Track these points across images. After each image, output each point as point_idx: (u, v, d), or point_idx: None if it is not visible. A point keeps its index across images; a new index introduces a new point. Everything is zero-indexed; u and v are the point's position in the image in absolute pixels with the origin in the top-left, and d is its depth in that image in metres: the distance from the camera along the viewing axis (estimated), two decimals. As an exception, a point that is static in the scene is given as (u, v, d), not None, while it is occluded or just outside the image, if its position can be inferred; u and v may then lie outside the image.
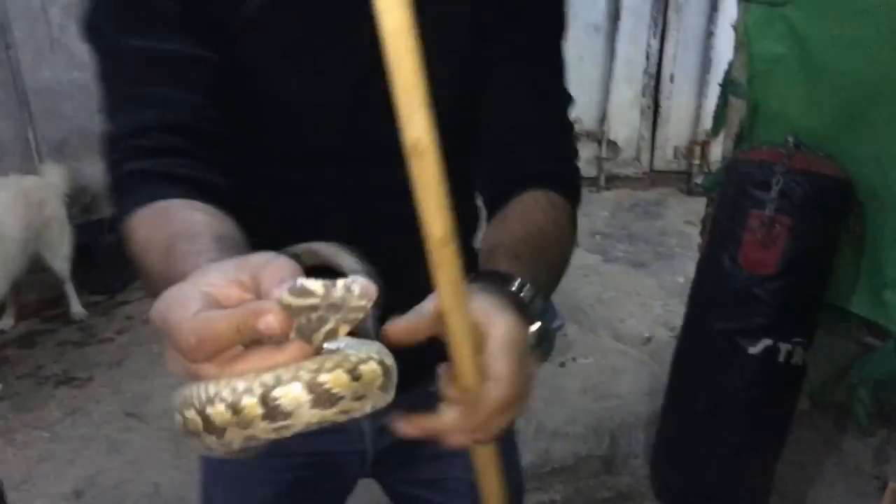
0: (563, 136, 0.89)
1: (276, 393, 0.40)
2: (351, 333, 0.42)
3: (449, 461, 0.94)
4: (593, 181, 4.43)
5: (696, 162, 4.33)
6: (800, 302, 1.90)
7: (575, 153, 0.90)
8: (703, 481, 2.06)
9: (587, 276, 3.49)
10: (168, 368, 0.43)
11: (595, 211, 4.22)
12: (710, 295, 2.03)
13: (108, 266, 3.70)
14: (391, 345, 0.50)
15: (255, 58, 0.74)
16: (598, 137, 4.33)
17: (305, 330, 0.39)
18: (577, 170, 0.90)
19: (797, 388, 2.00)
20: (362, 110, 0.78)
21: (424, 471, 0.92)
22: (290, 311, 0.38)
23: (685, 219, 4.13)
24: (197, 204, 0.64)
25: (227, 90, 0.73)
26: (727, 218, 1.97)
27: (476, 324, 0.53)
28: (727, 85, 2.21)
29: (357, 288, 0.38)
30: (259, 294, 0.42)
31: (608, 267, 3.60)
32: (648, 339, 2.98)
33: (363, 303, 0.39)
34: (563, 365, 2.83)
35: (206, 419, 0.40)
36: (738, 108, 2.16)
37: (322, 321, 0.39)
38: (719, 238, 2.00)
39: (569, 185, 0.86)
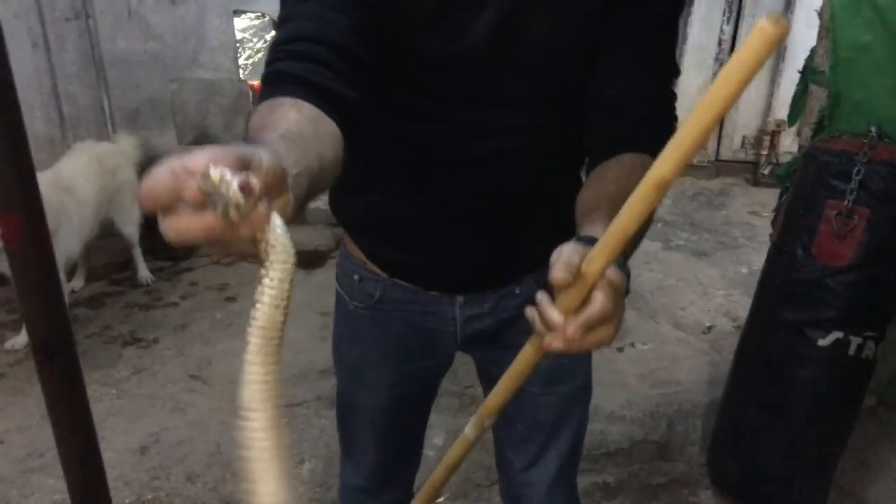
0: (666, 105, 0.98)
1: None
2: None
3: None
4: (656, 168, 4.36)
5: (764, 153, 4.22)
6: (874, 295, 1.85)
7: (674, 121, 1.00)
8: (762, 472, 2.03)
9: (648, 263, 3.45)
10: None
11: (657, 199, 4.16)
12: (779, 285, 1.99)
13: (175, 234, 3.80)
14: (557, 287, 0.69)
15: (407, 13, 0.88)
16: (663, 124, 4.26)
17: (212, 204, 0.48)
18: (672, 133, 0.95)
19: (865, 383, 1.95)
20: (490, 63, 0.92)
21: (505, 354, 1.00)
22: (205, 192, 0.47)
23: (750, 209, 4.04)
24: (304, 105, 0.73)
25: (379, 35, 0.86)
26: (802, 207, 1.92)
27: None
28: (808, 72, 2.15)
29: (234, 182, 0.47)
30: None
31: (669, 255, 3.55)
32: (709, 329, 2.94)
33: (238, 199, 0.47)
34: (621, 350, 2.81)
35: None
36: (818, 96, 2.10)
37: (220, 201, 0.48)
38: (793, 227, 1.96)
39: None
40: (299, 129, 0.69)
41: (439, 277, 1.12)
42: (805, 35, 3.87)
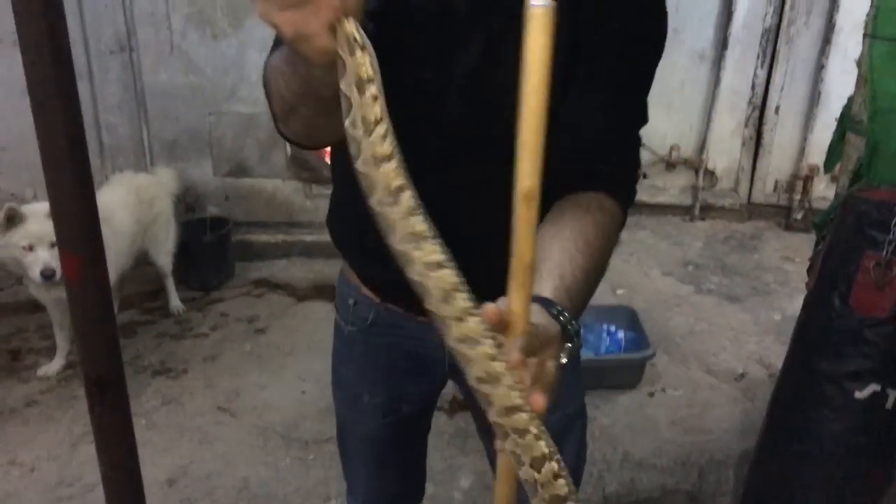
0: (628, 148, 1.05)
1: None
2: None
3: None
4: (687, 210, 4.34)
5: (797, 197, 4.19)
6: (914, 349, 1.82)
7: (637, 164, 1.08)
8: (797, 527, 1.98)
9: (679, 307, 3.42)
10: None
11: (688, 241, 4.14)
12: (816, 335, 1.97)
13: (207, 264, 3.85)
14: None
15: (403, 38, 0.95)
16: (695, 166, 4.25)
17: None
18: (634, 177, 1.06)
19: (904, 438, 1.91)
20: (475, 91, 0.99)
21: None
22: None
23: (783, 254, 4.00)
24: None
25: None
26: (840, 256, 1.91)
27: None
28: (845, 120, 2.14)
29: None
30: None
31: (701, 298, 3.52)
32: (742, 376, 2.90)
33: None
34: (651, 395, 2.78)
35: None
36: (856, 144, 2.09)
37: None
38: (830, 277, 1.94)
39: (623, 190, 1.01)
40: None
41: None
42: (839, 80, 3.88)
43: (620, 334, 2.89)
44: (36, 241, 2.61)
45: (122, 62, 3.83)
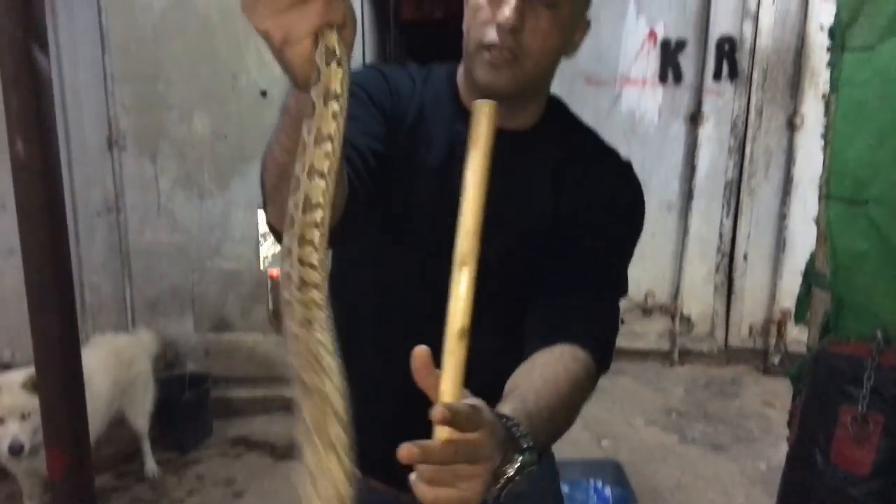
0: (605, 313, 1.09)
1: None
2: None
3: None
4: (666, 355, 4.38)
5: (773, 341, 4.26)
6: (899, 506, 1.81)
7: (613, 331, 1.10)
8: None
9: (665, 459, 3.38)
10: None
11: (669, 387, 4.15)
12: (802, 492, 1.95)
13: (184, 423, 3.77)
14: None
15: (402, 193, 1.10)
16: (671, 312, 4.34)
17: None
18: (609, 342, 1.08)
19: None
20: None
21: None
22: None
23: (763, 399, 4.01)
24: None
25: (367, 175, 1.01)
26: (817, 411, 1.93)
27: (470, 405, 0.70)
28: (810, 276, 2.23)
29: None
30: None
31: (686, 449, 3.48)
32: (733, 532, 2.83)
33: None
34: (643, 555, 2.70)
35: None
36: (822, 298, 2.16)
37: None
38: (809, 432, 1.95)
39: (597, 346, 1.03)
40: None
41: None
42: (801, 229, 4.06)
43: (607, 491, 2.84)
44: (7, 413, 2.55)
45: (109, 223, 3.92)
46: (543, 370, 0.94)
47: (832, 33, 2.00)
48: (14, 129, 0.78)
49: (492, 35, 1.03)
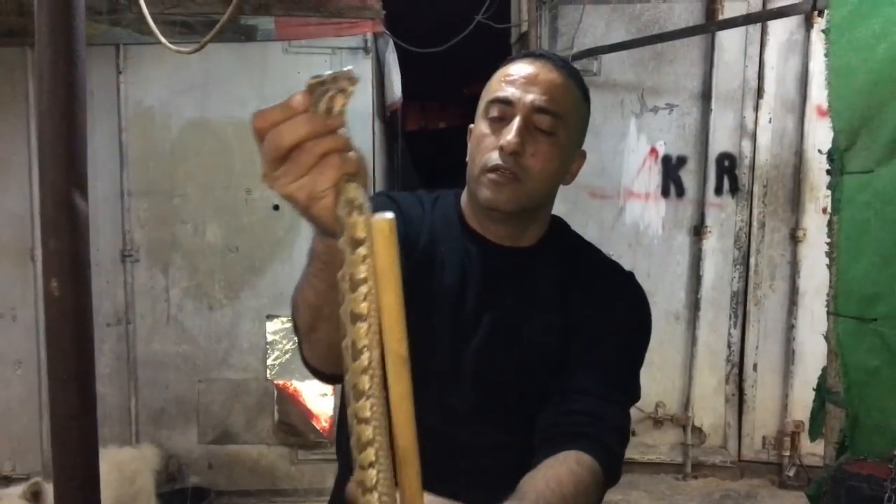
0: (615, 419, 1.09)
1: None
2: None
3: None
4: (679, 468, 4.28)
5: (787, 454, 4.17)
6: None
7: (622, 438, 1.11)
8: None
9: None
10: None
11: (684, 501, 4.03)
12: None
13: (185, 540, 3.67)
14: None
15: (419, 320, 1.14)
16: (682, 423, 4.27)
17: (316, 100, 0.61)
18: (618, 443, 1.09)
19: None
20: (449, 377, 1.15)
21: None
22: (309, 89, 0.61)
23: (782, 515, 3.89)
24: None
25: None
26: (839, 533, 1.88)
27: None
28: (823, 392, 2.22)
29: (343, 72, 0.61)
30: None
31: (704, 570, 3.36)
32: None
33: (347, 78, 0.61)
34: None
35: None
36: (836, 415, 2.15)
37: (324, 92, 0.60)
38: (833, 554, 1.90)
39: (603, 452, 1.03)
40: None
41: None
42: (810, 339, 4.05)
43: None
44: None
45: (118, 334, 3.94)
46: (546, 473, 0.96)
47: (831, 157, 2.08)
48: (49, 269, 0.81)
49: (495, 158, 1.14)
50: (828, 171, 2.13)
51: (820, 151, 2.77)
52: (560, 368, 1.14)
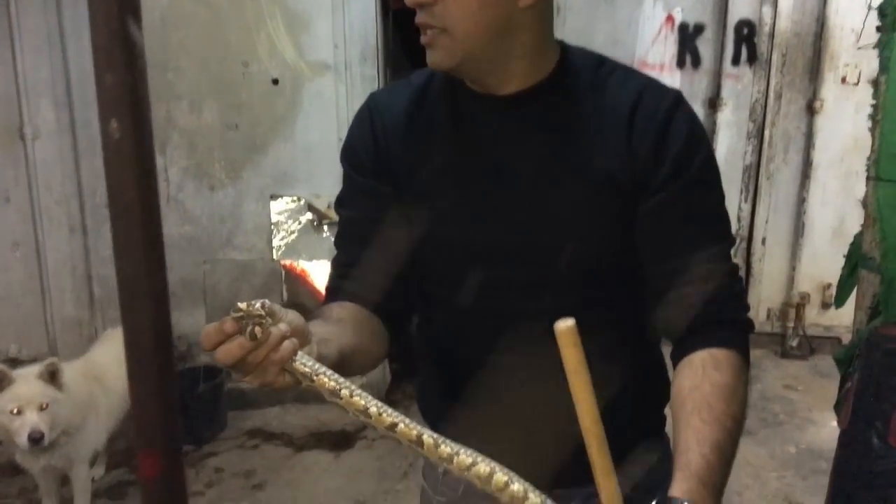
0: (722, 280, 0.99)
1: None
2: None
3: None
4: (683, 341, 4.36)
5: (791, 325, 4.23)
6: (962, 488, 1.77)
7: (738, 293, 1.03)
8: None
9: (692, 445, 3.35)
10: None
11: (688, 373, 4.12)
12: (856, 476, 1.91)
13: (199, 416, 3.71)
14: None
15: (423, 218, 1.06)
16: (688, 298, 4.31)
17: (244, 327, 0.73)
18: (740, 308, 1.01)
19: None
20: (491, 256, 1.05)
21: None
22: (237, 319, 0.73)
23: (784, 383, 3.99)
24: (348, 304, 1.04)
25: (409, 239, 1.07)
26: (873, 395, 1.89)
27: None
28: (856, 258, 2.19)
29: (255, 309, 0.73)
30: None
31: (712, 434, 3.45)
32: (770, 517, 2.80)
33: (260, 315, 0.73)
34: (679, 542, 2.65)
35: None
36: (870, 281, 2.12)
37: (247, 324, 0.73)
38: (864, 415, 1.91)
39: (735, 334, 0.97)
40: (338, 315, 0.99)
41: (517, 469, 1.07)
42: (819, 213, 4.03)
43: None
44: (24, 403, 2.48)
45: (119, 215, 3.83)
46: (694, 401, 0.90)
47: (882, 12, 1.95)
48: (106, 108, 0.71)
49: (418, 18, 0.99)
50: (878, 28, 2.01)
51: (870, 7, 2.62)
52: (633, 226, 1.01)
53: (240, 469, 3.41)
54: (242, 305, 0.73)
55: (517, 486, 0.70)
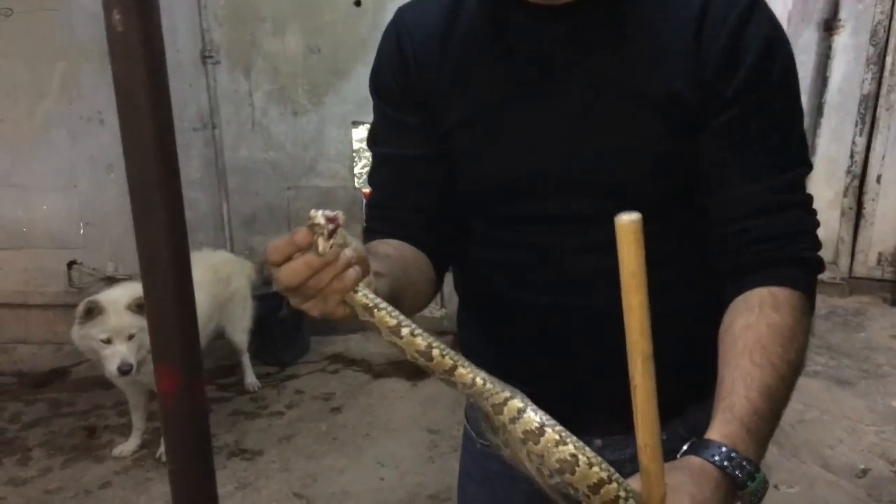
0: (792, 211, 0.88)
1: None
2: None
3: None
4: (781, 284, 4.11)
5: (903, 270, 3.92)
6: None
7: (808, 225, 0.89)
8: None
9: (784, 391, 3.17)
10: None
11: (785, 317, 3.89)
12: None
13: (282, 339, 3.79)
14: None
15: (464, 148, 0.96)
16: (789, 238, 4.04)
17: (316, 236, 0.65)
18: (809, 246, 0.88)
19: None
20: (541, 186, 0.93)
21: None
22: (309, 228, 0.65)
23: (891, 332, 3.71)
24: (393, 240, 0.95)
25: (449, 173, 0.98)
26: None
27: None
28: None
29: (332, 215, 0.65)
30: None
31: (808, 382, 3.25)
32: (864, 472, 2.62)
33: (335, 221, 0.65)
34: (762, 492, 2.53)
35: None
36: None
37: (320, 232, 0.65)
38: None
39: (800, 274, 0.86)
40: (385, 251, 0.89)
41: (568, 414, 0.97)
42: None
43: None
44: (114, 334, 2.58)
45: (205, 139, 3.88)
46: (745, 340, 0.80)
47: None
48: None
49: None
50: None
51: None
52: (704, 151, 0.88)
53: (319, 392, 3.48)
54: (318, 214, 0.65)
55: (592, 461, 0.65)
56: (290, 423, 3.19)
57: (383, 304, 0.69)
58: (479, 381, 0.68)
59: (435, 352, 0.68)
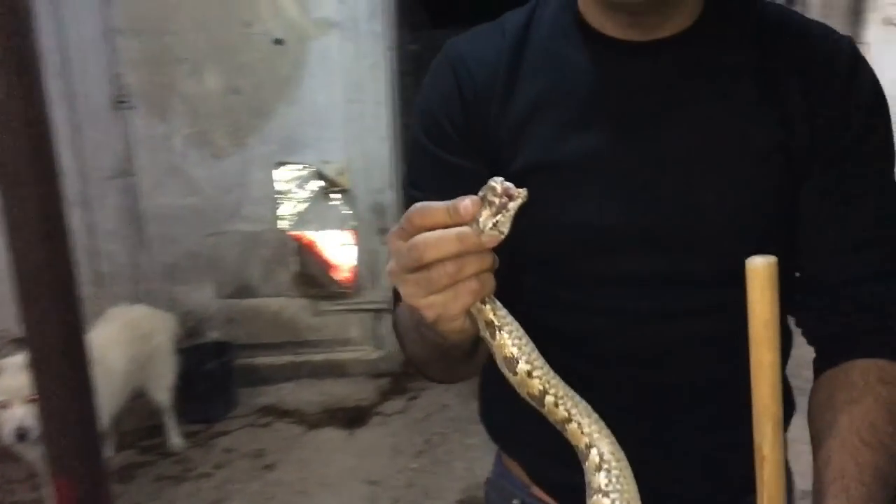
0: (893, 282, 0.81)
1: None
2: None
3: None
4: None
5: None
6: None
7: None
8: None
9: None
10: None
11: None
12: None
13: (209, 394, 3.60)
14: None
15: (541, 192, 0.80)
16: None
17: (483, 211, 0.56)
18: None
19: None
20: (628, 236, 0.82)
21: None
22: (482, 199, 0.56)
23: None
24: None
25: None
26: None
27: None
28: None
29: (518, 191, 0.56)
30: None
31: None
32: None
33: (520, 197, 0.56)
34: None
35: None
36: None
37: (492, 205, 0.56)
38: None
39: None
40: None
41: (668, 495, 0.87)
42: None
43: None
44: (10, 396, 2.38)
45: (120, 187, 3.69)
46: (852, 416, 0.74)
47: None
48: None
49: None
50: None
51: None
52: (784, 204, 0.81)
53: (250, 449, 3.30)
54: (499, 181, 0.56)
55: None
56: (219, 486, 3.01)
57: (510, 328, 0.59)
58: (594, 454, 0.60)
59: (549, 398, 0.59)
